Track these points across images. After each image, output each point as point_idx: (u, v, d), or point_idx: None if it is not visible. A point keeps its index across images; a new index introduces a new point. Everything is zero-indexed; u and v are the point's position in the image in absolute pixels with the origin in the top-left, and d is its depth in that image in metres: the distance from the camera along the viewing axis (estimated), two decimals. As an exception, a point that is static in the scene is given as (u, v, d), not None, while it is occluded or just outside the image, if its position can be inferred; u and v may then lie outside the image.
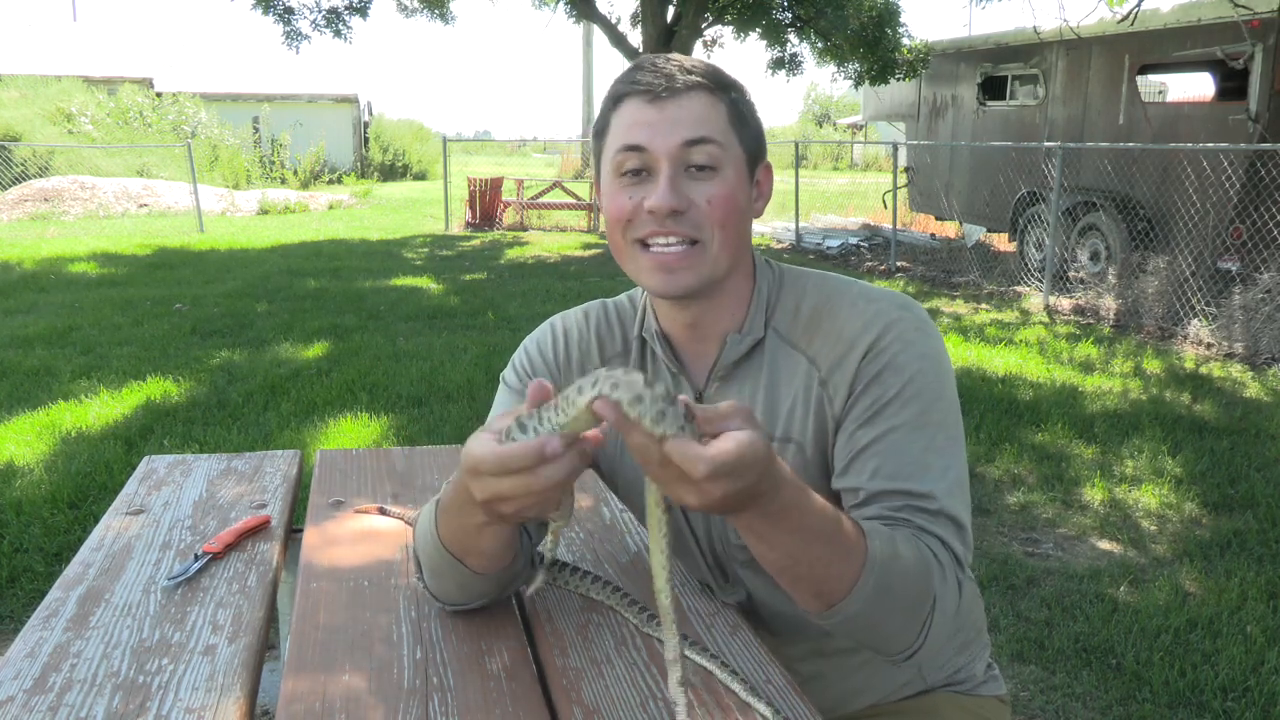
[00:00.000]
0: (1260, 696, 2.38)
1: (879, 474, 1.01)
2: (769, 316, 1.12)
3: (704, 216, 1.02)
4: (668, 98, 1.02)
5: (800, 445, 1.08)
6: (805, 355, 1.09)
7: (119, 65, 24.95)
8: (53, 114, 19.32)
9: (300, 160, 22.53)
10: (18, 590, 2.82)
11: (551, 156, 33.52)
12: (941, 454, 1.02)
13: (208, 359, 5.54)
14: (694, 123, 1.01)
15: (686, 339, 1.14)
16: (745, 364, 1.11)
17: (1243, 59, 6.97)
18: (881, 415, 1.03)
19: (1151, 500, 3.67)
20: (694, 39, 11.36)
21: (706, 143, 1.01)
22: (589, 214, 14.03)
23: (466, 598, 1.11)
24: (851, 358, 1.05)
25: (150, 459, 1.76)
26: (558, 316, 1.24)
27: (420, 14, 12.96)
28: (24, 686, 1.03)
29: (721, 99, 1.04)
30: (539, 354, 1.21)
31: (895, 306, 1.07)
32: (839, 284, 1.12)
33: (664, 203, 1.00)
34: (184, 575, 1.28)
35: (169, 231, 12.48)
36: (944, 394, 1.04)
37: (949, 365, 1.08)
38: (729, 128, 1.04)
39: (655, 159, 1.01)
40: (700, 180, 1.02)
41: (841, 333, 1.06)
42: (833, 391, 1.06)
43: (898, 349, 1.04)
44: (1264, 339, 6.12)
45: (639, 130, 1.02)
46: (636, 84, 1.03)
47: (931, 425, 1.02)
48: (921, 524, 0.98)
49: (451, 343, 6.07)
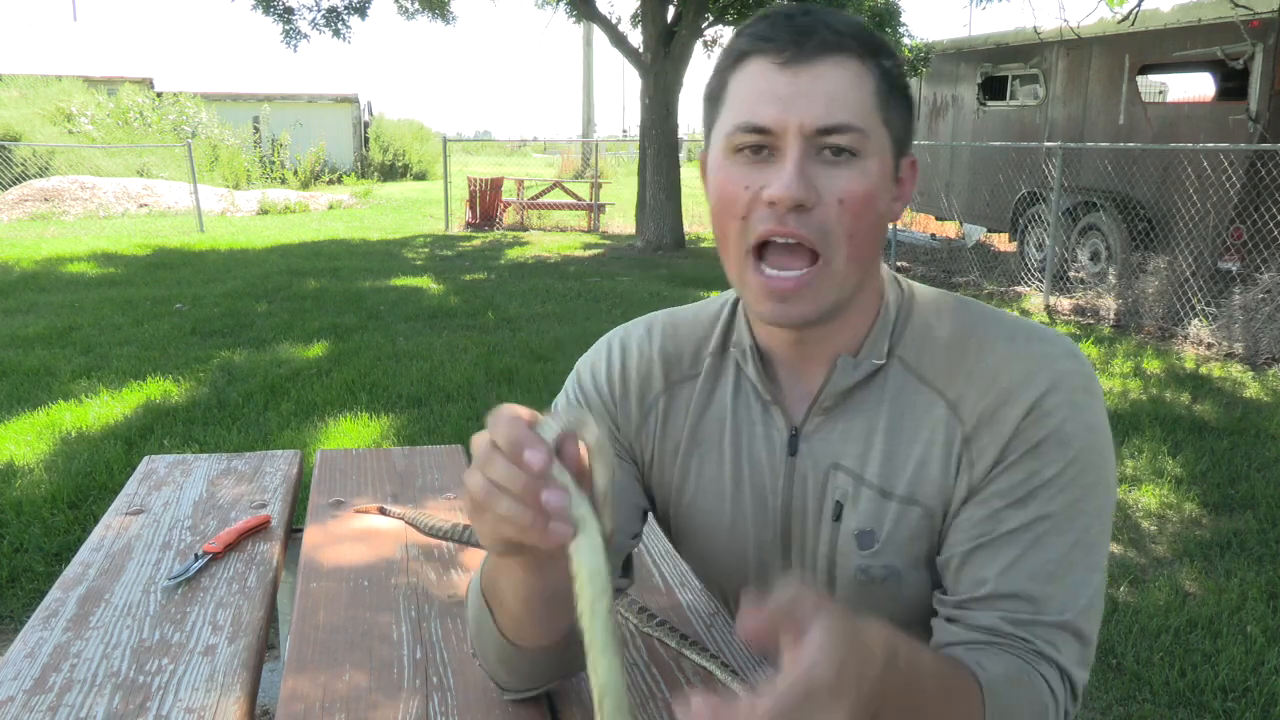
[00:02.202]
0: (1260, 696, 2.38)
1: (1016, 570, 0.83)
2: (894, 341, 0.90)
3: (832, 219, 0.81)
4: (803, 62, 0.80)
5: (929, 511, 0.87)
6: (943, 398, 0.87)
7: (119, 65, 24.94)
8: (53, 114, 19.32)
9: (300, 160, 22.52)
10: (18, 590, 2.82)
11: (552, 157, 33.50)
12: (1089, 553, 0.84)
13: (208, 359, 5.54)
14: (832, 99, 0.80)
15: (788, 357, 0.92)
16: (859, 395, 0.90)
17: (1243, 59, 6.97)
18: (1035, 498, 0.83)
19: (1151, 500, 3.67)
20: (694, 39, 11.35)
21: (846, 130, 0.80)
22: (589, 214, 14.03)
23: (510, 674, 0.93)
24: (1009, 415, 0.84)
25: (150, 459, 1.76)
26: (617, 332, 1.03)
27: (421, 15, 12.96)
28: (24, 686, 1.03)
29: (871, 68, 0.82)
30: (592, 383, 1.01)
31: (1063, 353, 0.86)
32: (984, 311, 0.91)
33: (788, 193, 0.79)
34: (184, 575, 1.28)
35: (169, 231, 12.48)
36: (1104, 478, 0.85)
37: (1109, 435, 0.88)
38: (875, 106, 0.82)
39: (781, 138, 0.80)
40: (834, 168, 0.80)
41: (996, 377, 0.85)
42: (976, 454, 0.85)
43: (1065, 415, 0.84)
44: (1264, 339, 6.12)
45: (763, 104, 0.81)
46: (765, 41, 0.81)
47: (1086, 515, 0.84)
48: (1041, 644, 0.81)
49: (451, 343, 6.07)
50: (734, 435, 0.95)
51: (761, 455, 0.93)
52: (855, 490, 0.89)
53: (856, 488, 0.89)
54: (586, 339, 6.17)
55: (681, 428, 0.97)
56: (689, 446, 0.97)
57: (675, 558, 1.37)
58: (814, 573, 0.93)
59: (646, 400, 0.99)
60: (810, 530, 0.92)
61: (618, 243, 12.15)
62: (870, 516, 0.88)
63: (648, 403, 0.99)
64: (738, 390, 0.95)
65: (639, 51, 11.37)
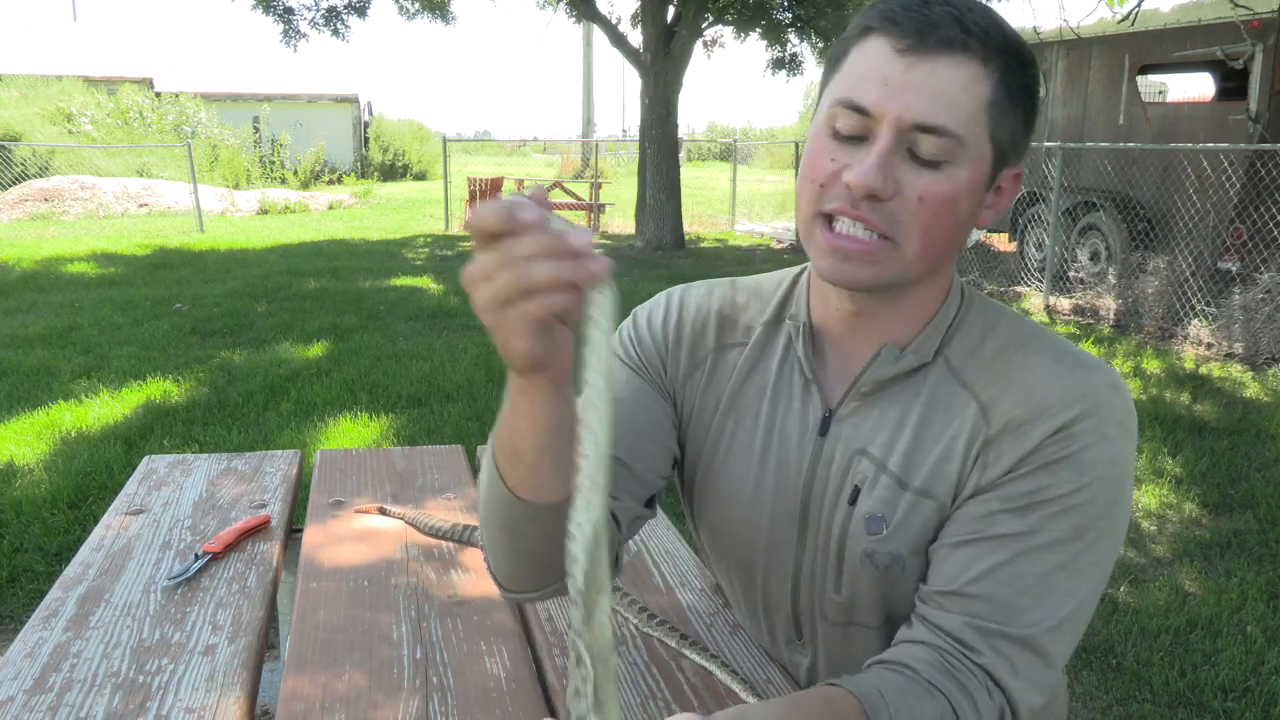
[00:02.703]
0: (1260, 696, 2.38)
1: (996, 574, 0.82)
2: (944, 343, 0.90)
3: (908, 212, 0.80)
4: (921, 54, 0.78)
5: (941, 505, 0.87)
6: (976, 400, 0.87)
7: (119, 65, 24.95)
8: (53, 114, 19.32)
9: (300, 160, 22.52)
10: (18, 590, 2.82)
11: (551, 157, 33.52)
12: (1076, 579, 0.82)
13: (208, 359, 5.54)
14: (938, 100, 0.78)
15: (841, 333, 0.93)
16: (897, 387, 0.90)
17: (1243, 59, 6.97)
18: (1036, 511, 0.83)
19: (1151, 500, 3.67)
20: (694, 39, 11.36)
21: (941, 134, 0.78)
22: (589, 214, 14.04)
23: (513, 547, 0.85)
24: (1036, 429, 0.83)
25: (150, 459, 1.76)
26: (677, 289, 1.05)
27: (421, 16, 12.97)
28: (24, 686, 1.03)
29: (990, 72, 0.79)
30: (647, 326, 1.02)
31: (1106, 384, 0.85)
32: (1037, 330, 0.90)
33: (865, 180, 0.78)
34: (184, 575, 1.28)
35: (169, 231, 12.48)
36: (1112, 512, 0.84)
37: (1132, 477, 0.86)
38: (983, 115, 0.79)
39: (878, 124, 0.79)
40: (920, 169, 0.79)
41: (1033, 391, 0.84)
42: (993, 458, 0.85)
43: (1090, 441, 0.82)
44: (1264, 339, 6.12)
45: (871, 86, 0.79)
46: (892, 23, 0.79)
47: (1082, 544, 0.83)
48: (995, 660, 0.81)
49: (451, 343, 6.07)
50: (771, 406, 0.96)
51: (793, 431, 0.94)
52: (875, 476, 0.90)
53: (876, 474, 0.89)
54: (586, 339, 6.18)
55: (724, 389, 0.99)
56: (727, 409, 0.98)
57: (675, 557, 1.37)
58: (825, 554, 0.93)
59: (698, 354, 1.00)
60: (826, 511, 0.93)
61: (618, 243, 12.15)
62: (883, 503, 0.89)
63: (698, 357, 1.00)
64: (784, 363, 0.96)
65: (639, 51, 11.36)
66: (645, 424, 0.97)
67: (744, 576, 1.02)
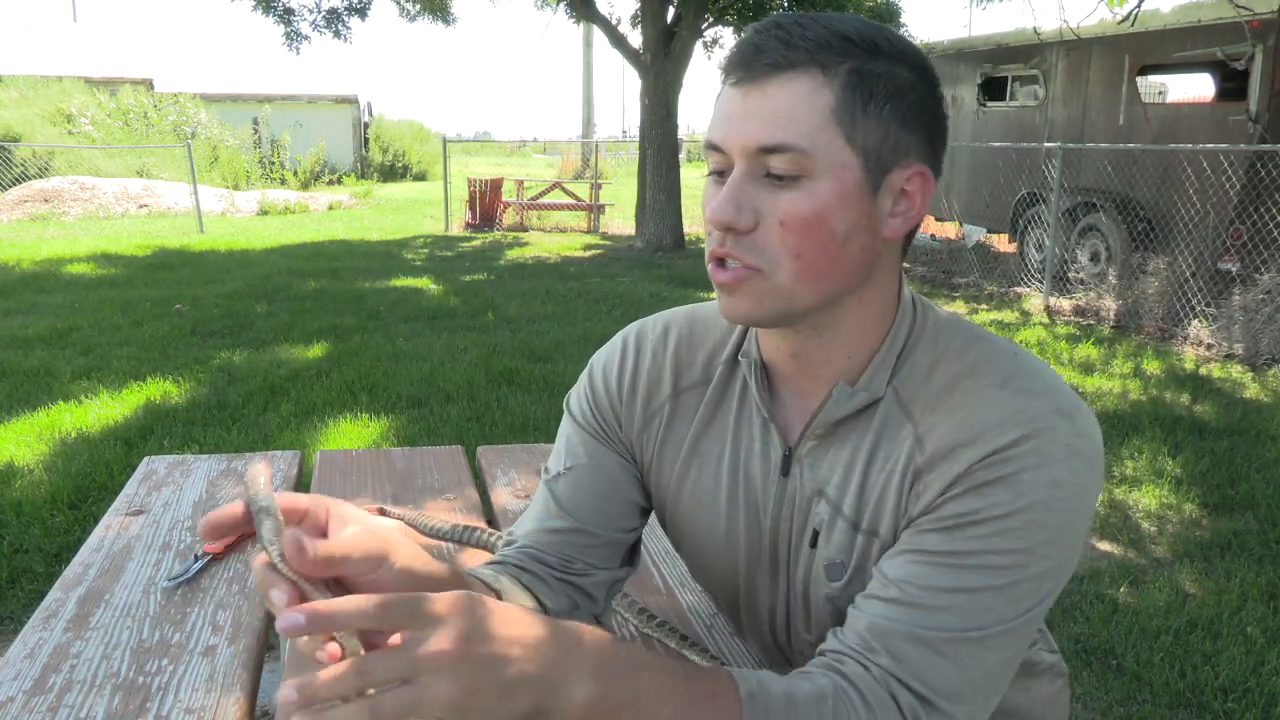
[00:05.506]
0: (1260, 697, 2.38)
1: (918, 580, 0.78)
2: (894, 374, 0.86)
3: (774, 239, 0.78)
4: (751, 82, 0.78)
5: (884, 543, 0.84)
6: (914, 431, 0.83)
7: (119, 66, 24.96)
8: (53, 114, 19.32)
9: (300, 161, 22.53)
10: (18, 591, 2.82)
11: (551, 157, 33.52)
12: (1010, 603, 0.77)
13: (207, 360, 5.54)
14: (773, 120, 0.77)
15: (790, 372, 0.90)
16: (851, 425, 0.86)
17: (1243, 60, 6.97)
18: (965, 531, 0.77)
19: (1151, 501, 3.67)
20: (694, 39, 11.36)
21: (785, 150, 0.77)
22: (589, 215, 14.04)
23: None
24: (966, 454, 0.78)
25: (150, 459, 1.76)
26: (634, 328, 1.02)
27: (421, 17, 12.98)
28: (24, 687, 1.03)
29: (832, 79, 0.77)
30: (602, 381, 1.00)
31: (1052, 410, 0.79)
32: (994, 354, 0.84)
33: (716, 215, 0.79)
34: (184, 576, 1.28)
35: (169, 232, 12.48)
36: (1059, 539, 0.77)
37: (1087, 505, 0.79)
38: (829, 123, 0.77)
39: (730, 159, 0.80)
40: (778, 190, 0.78)
41: (968, 418, 0.80)
42: (923, 488, 0.81)
43: (1029, 464, 0.77)
44: (1264, 340, 6.12)
45: (719, 125, 0.81)
46: (729, 60, 0.81)
47: (1020, 571, 0.77)
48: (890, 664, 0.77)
49: (451, 343, 6.07)
50: (734, 449, 0.94)
51: (757, 472, 0.93)
52: (831, 519, 0.88)
53: (833, 517, 0.88)
54: (586, 340, 6.18)
55: (684, 435, 0.97)
56: (689, 456, 0.97)
57: (675, 558, 1.37)
58: (794, 596, 0.93)
59: (651, 405, 0.98)
60: (792, 554, 0.92)
61: (618, 243, 12.15)
62: (841, 548, 0.87)
63: (652, 408, 0.98)
64: (743, 402, 0.94)
65: (639, 52, 11.37)
66: (605, 486, 0.98)
67: (729, 608, 1.02)
